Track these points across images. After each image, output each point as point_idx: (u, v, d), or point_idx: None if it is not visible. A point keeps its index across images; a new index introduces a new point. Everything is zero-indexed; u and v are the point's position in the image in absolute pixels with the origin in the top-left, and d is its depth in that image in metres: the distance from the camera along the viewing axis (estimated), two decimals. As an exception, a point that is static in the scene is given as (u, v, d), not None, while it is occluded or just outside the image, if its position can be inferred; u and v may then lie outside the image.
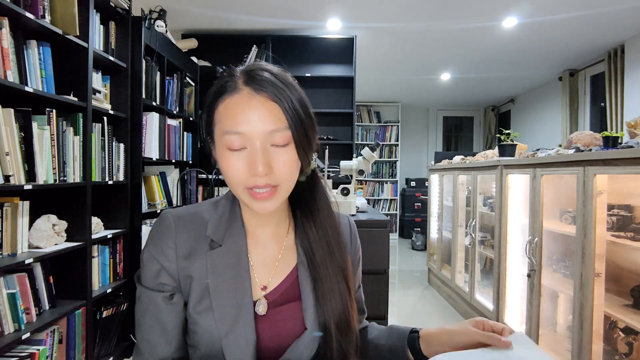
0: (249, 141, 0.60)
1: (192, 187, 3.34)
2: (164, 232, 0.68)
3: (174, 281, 0.67)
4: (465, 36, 3.95)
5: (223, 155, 0.63)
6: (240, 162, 0.61)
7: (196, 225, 0.69)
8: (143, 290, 0.68)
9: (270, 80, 0.61)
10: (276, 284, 0.70)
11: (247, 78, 0.62)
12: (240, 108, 0.60)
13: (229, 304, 0.66)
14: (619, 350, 1.85)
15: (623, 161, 1.56)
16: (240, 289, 0.67)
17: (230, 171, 0.62)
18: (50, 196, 1.94)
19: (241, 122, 0.60)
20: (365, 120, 7.13)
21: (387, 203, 7.19)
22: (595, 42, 4.06)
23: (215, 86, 0.65)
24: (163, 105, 2.80)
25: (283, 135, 0.61)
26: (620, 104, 3.99)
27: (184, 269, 0.67)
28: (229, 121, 0.61)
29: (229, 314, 0.65)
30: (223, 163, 0.63)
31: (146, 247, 0.69)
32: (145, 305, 0.68)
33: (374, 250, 2.18)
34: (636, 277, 1.82)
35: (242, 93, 0.61)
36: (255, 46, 3.91)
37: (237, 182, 0.62)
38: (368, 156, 2.38)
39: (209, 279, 0.66)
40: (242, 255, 0.69)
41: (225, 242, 0.68)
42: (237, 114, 0.60)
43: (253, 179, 0.61)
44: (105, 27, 2.24)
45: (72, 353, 1.92)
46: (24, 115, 1.65)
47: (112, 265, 2.30)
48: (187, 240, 0.68)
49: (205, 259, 0.67)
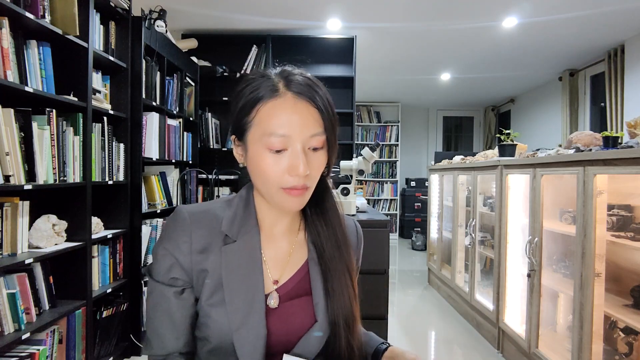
0: (291, 143, 0.64)
1: (192, 187, 3.34)
2: (180, 226, 0.70)
3: (187, 275, 0.69)
4: (465, 36, 3.95)
5: (261, 155, 0.65)
6: (281, 162, 0.64)
7: (210, 221, 0.71)
8: (155, 284, 0.70)
9: (309, 85, 0.66)
10: (287, 278, 0.73)
11: (287, 82, 0.65)
12: (286, 112, 0.64)
13: (242, 297, 0.68)
14: (619, 350, 1.85)
15: (623, 161, 1.56)
16: (253, 283, 0.69)
17: (269, 171, 0.64)
18: (50, 196, 1.94)
19: (286, 125, 0.63)
20: (365, 120, 7.13)
21: (387, 203, 7.19)
22: (595, 42, 4.06)
23: (251, 87, 0.67)
24: (163, 105, 2.80)
25: (320, 139, 0.66)
26: (620, 104, 3.99)
27: (198, 263, 0.69)
28: (272, 123, 0.63)
29: (241, 308, 0.67)
30: (261, 163, 0.65)
31: (160, 241, 0.71)
32: (157, 300, 0.69)
33: (374, 250, 2.18)
34: (636, 277, 1.82)
35: (286, 97, 0.64)
36: (255, 46, 3.91)
37: (274, 181, 0.65)
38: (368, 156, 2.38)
39: (223, 273, 0.68)
40: (255, 251, 0.71)
41: (239, 237, 0.71)
42: (281, 117, 0.63)
43: (292, 179, 0.64)
44: (105, 27, 2.24)
45: (72, 353, 1.92)
46: (24, 115, 1.65)
47: (112, 265, 2.30)
48: (202, 236, 0.69)
49: (220, 253, 0.69)
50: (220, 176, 3.06)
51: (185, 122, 3.19)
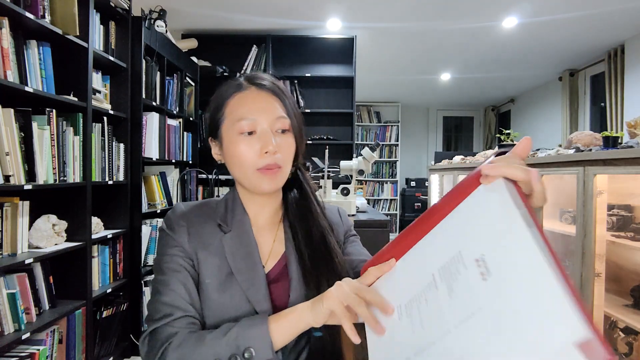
0: (259, 125, 0.72)
1: (192, 187, 3.34)
2: (175, 215, 0.76)
3: (190, 260, 0.73)
4: (465, 36, 3.95)
5: (235, 142, 0.72)
6: (253, 145, 0.71)
7: (206, 212, 0.78)
8: (166, 269, 0.72)
9: (271, 81, 0.76)
10: (272, 265, 0.77)
11: (250, 81, 0.76)
12: (251, 99, 0.74)
13: (249, 278, 0.72)
14: (619, 350, 1.85)
15: (623, 161, 1.56)
16: (256, 265, 0.74)
17: (244, 154, 0.72)
18: (50, 196, 1.94)
19: (252, 110, 0.72)
20: (365, 120, 7.13)
21: (387, 203, 7.19)
22: (595, 42, 4.06)
23: (220, 91, 0.78)
24: (163, 105, 2.80)
25: (285, 122, 0.74)
26: (620, 104, 3.99)
27: (196, 250, 0.73)
28: (240, 110, 0.73)
29: (251, 287, 0.71)
30: (236, 149, 0.72)
31: (160, 233, 0.76)
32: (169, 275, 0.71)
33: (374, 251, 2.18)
34: (636, 277, 1.82)
35: (251, 89, 0.75)
36: (255, 46, 3.91)
37: (249, 164, 0.72)
38: (368, 156, 2.38)
39: (229, 259, 0.73)
40: (249, 237, 0.77)
41: (233, 226, 0.77)
42: (248, 104, 0.73)
43: (264, 159, 0.71)
44: (105, 27, 2.24)
45: (72, 353, 1.92)
46: (24, 115, 1.65)
47: (112, 265, 2.30)
48: (199, 224, 0.75)
49: (220, 242, 0.74)
50: (220, 176, 3.06)
51: (185, 122, 3.19)
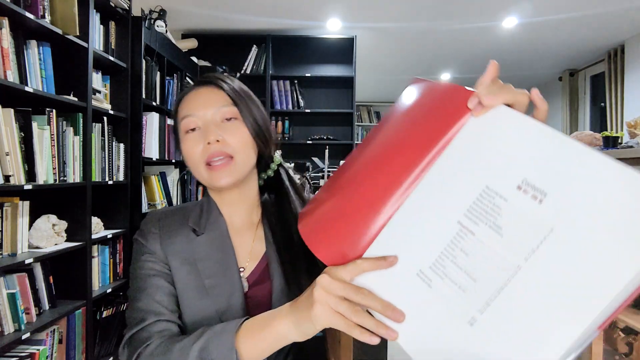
0: (201, 120, 0.72)
1: (192, 187, 3.34)
2: (148, 222, 0.76)
3: (163, 265, 0.72)
4: (466, 36, 3.95)
5: (183, 140, 0.73)
6: (196, 139, 0.71)
7: (178, 217, 0.77)
8: (140, 275, 0.71)
9: (214, 75, 0.76)
10: (252, 267, 0.76)
11: (198, 81, 0.78)
12: (192, 97, 0.74)
13: (221, 283, 0.71)
14: (619, 350, 1.85)
15: (623, 161, 1.56)
16: (230, 268, 0.73)
17: (190, 150, 0.72)
18: (50, 196, 1.94)
19: (192, 107, 0.73)
20: (365, 120, 7.13)
21: (387, 203, 7.18)
22: (595, 42, 4.06)
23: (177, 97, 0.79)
24: (163, 105, 2.80)
25: (230, 110, 0.73)
26: (620, 104, 3.99)
27: (168, 256, 0.72)
28: (184, 110, 0.74)
29: (222, 294, 0.70)
30: (184, 146, 0.73)
31: (134, 242, 0.75)
32: (143, 281, 0.70)
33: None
34: (636, 277, 1.82)
35: (194, 89, 0.76)
36: (255, 46, 3.91)
37: (197, 159, 0.71)
38: (368, 156, 2.38)
39: (198, 263, 0.72)
40: (225, 239, 0.75)
41: (207, 230, 0.75)
42: (190, 102, 0.74)
43: (208, 150, 0.70)
44: (105, 27, 2.24)
45: (72, 353, 1.92)
46: (24, 115, 1.65)
47: (112, 265, 2.30)
48: (172, 230, 0.74)
49: (191, 245, 0.73)
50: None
51: (185, 122, 3.19)
